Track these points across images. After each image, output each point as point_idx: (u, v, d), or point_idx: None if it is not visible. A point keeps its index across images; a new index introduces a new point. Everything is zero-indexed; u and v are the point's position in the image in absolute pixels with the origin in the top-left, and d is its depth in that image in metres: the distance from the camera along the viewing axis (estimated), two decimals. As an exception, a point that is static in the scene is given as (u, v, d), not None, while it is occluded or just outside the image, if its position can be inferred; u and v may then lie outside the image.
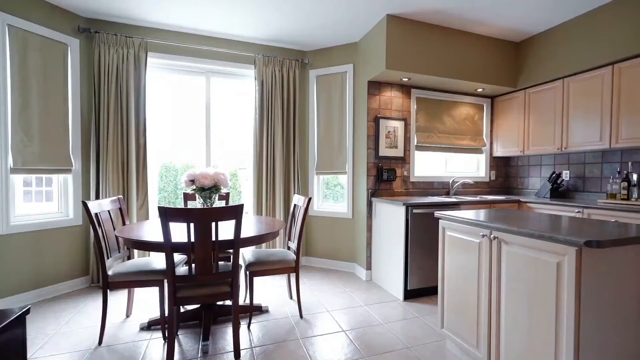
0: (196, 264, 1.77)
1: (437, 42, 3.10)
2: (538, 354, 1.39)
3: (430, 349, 2.00)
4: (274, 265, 2.31)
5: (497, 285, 1.60)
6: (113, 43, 2.96)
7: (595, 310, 1.28)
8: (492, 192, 3.93)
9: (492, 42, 3.36)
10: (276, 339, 2.10)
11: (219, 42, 3.41)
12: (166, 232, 1.68)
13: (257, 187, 3.48)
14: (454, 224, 1.89)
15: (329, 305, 2.66)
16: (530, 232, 1.41)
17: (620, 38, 2.60)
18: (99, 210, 2.09)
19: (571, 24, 2.98)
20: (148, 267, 2.07)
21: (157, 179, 3.48)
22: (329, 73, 3.62)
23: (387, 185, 3.36)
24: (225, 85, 3.59)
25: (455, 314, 1.89)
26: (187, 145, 3.49)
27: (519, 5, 2.73)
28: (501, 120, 3.75)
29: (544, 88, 3.25)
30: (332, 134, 3.62)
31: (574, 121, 2.98)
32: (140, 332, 2.16)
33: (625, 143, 2.61)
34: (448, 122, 3.64)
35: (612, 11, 2.66)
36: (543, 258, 1.37)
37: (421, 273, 2.82)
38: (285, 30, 3.24)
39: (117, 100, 3.00)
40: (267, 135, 3.48)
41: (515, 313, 1.50)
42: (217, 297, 1.86)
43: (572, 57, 2.96)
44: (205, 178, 2.22)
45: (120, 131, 3.01)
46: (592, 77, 2.83)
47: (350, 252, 3.57)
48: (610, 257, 1.30)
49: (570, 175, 3.32)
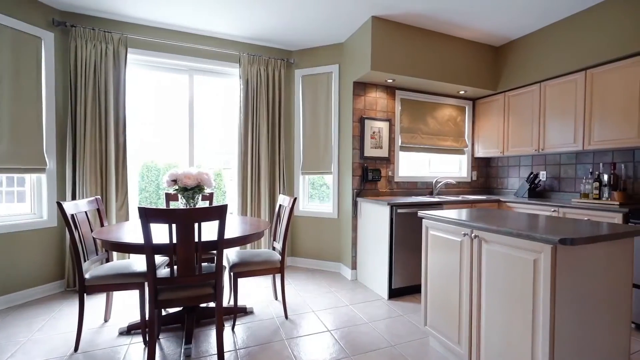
0: (178, 265, 1.73)
1: (421, 44, 3.15)
2: (516, 348, 1.44)
3: (413, 347, 2.04)
4: (258, 266, 2.29)
5: (478, 283, 1.64)
6: (91, 38, 2.85)
7: (570, 305, 1.33)
8: (474, 192, 4.03)
9: (474, 46, 3.45)
10: (261, 341, 2.08)
11: (203, 40, 3.35)
12: (147, 234, 1.63)
13: (241, 187, 3.44)
14: (437, 223, 1.93)
15: (314, 305, 2.65)
16: (509, 230, 1.46)
17: (593, 45, 2.73)
18: (76, 212, 2.01)
19: (547, 31, 3.10)
20: (128, 269, 2.01)
21: (137, 178, 3.38)
22: (315, 73, 3.62)
23: (372, 185, 3.39)
24: (210, 83, 3.53)
25: (438, 311, 1.93)
26: (169, 145, 3.41)
27: (499, 11, 2.82)
28: (482, 122, 3.86)
29: (522, 91, 3.37)
30: (317, 134, 3.62)
31: (551, 124, 3.10)
32: (119, 337, 2.09)
33: (597, 145, 2.73)
34: (431, 123, 3.71)
35: (584, 20, 2.79)
36: (521, 256, 1.42)
37: (405, 272, 2.86)
38: (271, 29, 3.22)
39: (95, 97, 2.89)
40: (252, 134, 3.45)
41: (495, 309, 1.54)
42: (200, 299, 1.82)
43: (547, 62, 3.08)
44: (188, 178, 2.17)
45: (98, 129, 2.91)
46: (567, 81, 2.95)
47: (335, 252, 3.58)
48: (583, 254, 1.36)
49: (547, 176, 3.45)
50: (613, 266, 1.45)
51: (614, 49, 2.59)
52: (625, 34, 2.52)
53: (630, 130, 2.51)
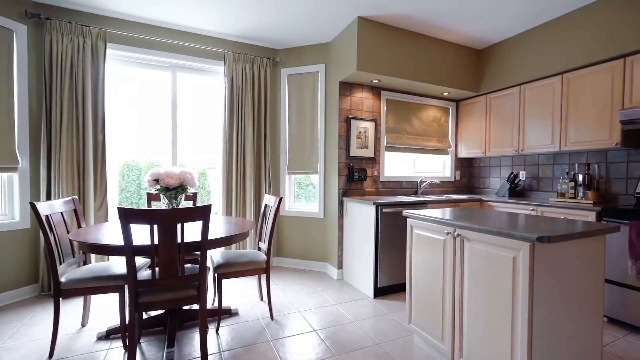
0: (160, 267, 1.68)
1: (406, 46, 3.19)
2: (496, 343, 1.47)
3: (398, 344, 2.06)
4: (243, 266, 2.26)
5: (460, 280, 1.67)
6: (67, 31, 2.74)
7: (547, 300, 1.38)
8: (457, 192, 4.12)
9: (457, 48, 3.53)
10: (246, 342, 2.06)
11: (186, 36, 3.28)
12: (127, 235, 1.58)
13: (226, 187, 3.39)
14: (421, 222, 1.96)
15: (300, 305, 2.64)
16: (490, 229, 1.49)
17: (567, 50, 2.83)
18: (50, 212, 1.92)
19: (526, 36, 3.20)
20: (107, 272, 1.94)
21: (118, 178, 3.27)
22: (301, 72, 3.61)
23: (358, 185, 3.41)
24: (193, 81, 3.46)
25: (422, 309, 1.96)
26: (152, 143, 3.32)
27: (481, 15, 2.89)
28: (465, 123, 3.94)
29: (503, 93, 3.47)
30: (303, 133, 3.61)
31: (530, 125, 3.20)
32: (97, 342, 2.02)
33: (572, 146, 2.84)
34: (416, 123, 3.76)
35: (560, 26, 2.89)
36: (501, 253, 1.46)
37: (391, 271, 2.89)
38: (256, 28, 3.18)
39: (72, 94, 2.78)
40: (237, 134, 3.40)
41: (477, 306, 1.58)
42: (183, 302, 1.78)
43: (527, 65, 3.18)
44: (171, 177, 2.12)
45: (75, 127, 2.80)
46: (545, 84, 3.06)
47: (322, 251, 3.58)
48: (559, 251, 1.41)
49: (527, 176, 3.56)
50: (587, 262, 1.51)
51: (586, 55, 2.70)
52: (595, 41, 2.63)
53: (603, 132, 2.63)
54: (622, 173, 2.78)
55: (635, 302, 2.20)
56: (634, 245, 2.16)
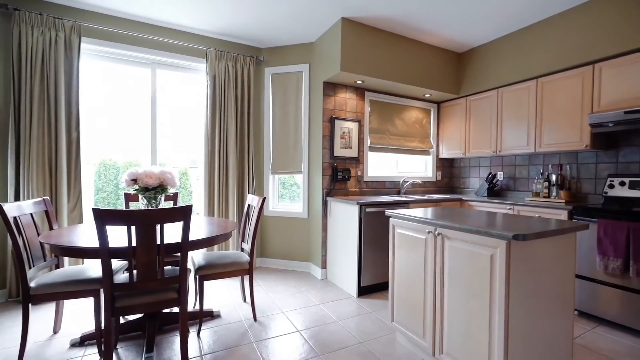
0: (138, 270, 1.63)
1: (389, 47, 3.24)
2: (475, 337, 1.52)
3: (381, 342, 2.08)
4: (226, 268, 2.22)
5: (441, 278, 1.71)
6: (38, 23, 2.61)
7: (522, 295, 1.43)
8: (438, 191, 4.21)
9: (439, 51, 3.61)
10: (228, 345, 2.02)
11: (167, 32, 3.19)
12: (102, 236, 1.52)
13: (208, 187, 3.32)
14: (403, 221, 1.99)
15: (284, 306, 2.63)
16: (469, 228, 1.54)
17: (542, 56, 2.96)
18: (19, 214, 1.83)
19: (503, 40, 3.31)
20: (81, 275, 1.86)
21: (94, 178, 3.15)
22: (285, 72, 3.59)
23: (342, 184, 3.43)
24: (174, 78, 3.37)
25: (404, 307, 1.99)
26: (130, 142, 3.21)
27: (460, 19, 2.96)
28: (446, 124, 4.04)
29: (482, 96, 3.58)
30: (287, 133, 3.59)
31: (507, 127, 3.31)
32: (71, 349, 1.93)
33: (546, 148, 2.97)
34: (399, 124, 3.82)
35: (534, 32, 3.01)
36: (479, 251, 1.50)
37: (374, 270, 2.92)
38: (239, 25, 3.14)
39: (43, 89, 2.65)
40: (219, 133, 3.34)
41: (456, 303, 1.62)
42: (163, 305, 1.73)
43: (504, 69, 3.30)
44: (150, 177, 2.05)
45: (47, 124, 2.66)
46: (521, 88, 3.18)
47: (305, 251, 3.57)
48: (533, 248, 1.47)
49: (504, 176, 3.69)
50: (559, 259, 1.58)
51: (558, 61, 2.83)
52: (567, 47, 2.76)
53: (574, 134, 2.76)
54: (591, 174, 2.92)
55: (603, 296, 2.32)
56: (602, 242, 2.28)
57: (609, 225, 2.26)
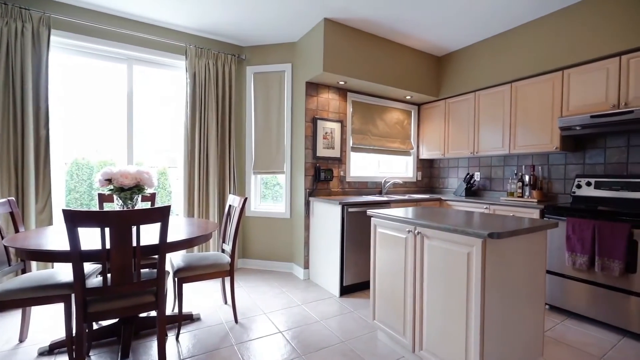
0: (112, 273, 1.57)
1: (371, 49, 3.27)
2: (453, 333, 1.56)
3: (363, 341, 2.10)
4: (206, 269, 2.18)
5: (420, 276, 1.75)
6: (2, 14, 2.46)
7: (497, 292, 1.49)
8: (419, 191, 4.30)
9: (419, 54, 3.69)
10: (208, 348, 1.98)
11: (144, 27, 3.09)
12: (73, 239, 1.45)
13: (188, 187, 3.24)
14: (384, 221, 2.02)
15: (266, 307, 2.60)
16: (447, 227, 1.58)
17: (515, 61, 3.08)
18: (-19, 216, 1.71)
19: (480, 45, 3.42)
20: (49, 280, 1.77)
21: (65, 177, 3.00)
22: (267, 71, 3.56)
23: (325, 185, 3.43)
24: (152, 75, 3.27)
25: (385, 305, 2.02)
26: (105, 140, 3.08)
27: (439, 23, 3.04)
28: (426, 126, 4.13)
29: (460, 99, 3.68)
30: (270, 133, 3.56)
31: (484, 129, 3.43)
32: (39, 358, 1.83)
33: (520, 149, 3.09)
34: (381, 125, 3.87)
35: (509, 38, 3.13)
36: (457, 249, 1.54)
37: (356, 269, 2.95)
38: (221, 23, 3.08)
39: (8, 83, 2.50)
40: (200, 131, 3.27)
41: (435, 299, 1.66)
42: (139, 309, 1.68)
43: (481, 73, 3.41)
44: (126, 177, 1.98)
45: (12, 120, 2.51)
46: (497, 92, 3.30)
47: (288, 252, 3.55)
48: (507, 245, 1.53)
49: (481, 176, 3.82)
50: (531, 255, 1.66)
51: (530, 66, 2.96)
52: (539, 53, 2.89)
53: (545, 137, 2.89)
54: (561, 174, 3.08)
55: (572, 290, 2.45)
56: (570, 239, 2.41)
57: (576, 224, 2.38)
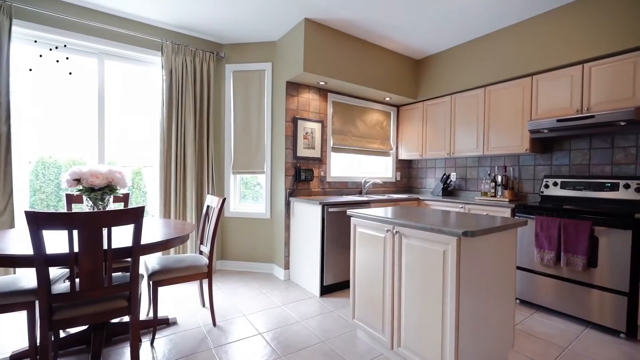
0: (81, 278, 1.49)
1: (352, 50, 3.30)
2: (430, 329, 1.60)
3: (343, 340, 2.12)
4: (182, 272, 2.12)
5: (399, 274, 1.78)
6: (-42, 1, 2.28)
7: (471, 288, 1.54)
8: (398, 191, 4.39)
9: (398, 57, 3.76)
10: (185, 353, 1.93)
11: (117, 21, 2.96)
12: (37, 243, 1.37)
13: (164, 188, 3.14)
14: (364, 221, 2.04)
15: (245, 309, 2.57)
16: (424, 226, 1.62)
17: (490, 66, 3.21)
18: None
19: (456, 50, 3.54)
20: (11, 287, 1.66)
21: (29, 177, 2.82)
22: (247, 70, 3.51)
23: (305, 185, 3.43)
24: (125, 71, 3.14)
25: (364, 304, 2.04)
26: (74, 138, 2.93)
27: (416, 27, 3.11)
28: (405, 127, 4.22)
29: (437, 101, 3.79)
30: (249, 132, 3.52)
31: (459, 131, 3.55)
32: (-2, 370, 1.72)
33: (493, 151, 3.22)
34: (361, 126, 3.92)
35: (483, 44, 3.26)
36: (433, 247, 1.59)
37: (336, 268, 2.97)
38: (198, 18, 3.01)
39: (-35, 76, 2.32)
40: (177, 130, 3.17)
41: (412, 297, 1.70)
42: (111, 315, 1.60)
43: (457, 77, 3.52)
44: (96, 177, 1.89)
45: (-31, 116, 2.34)
46: (471, 95, 3.42)
47: (268, 252, 3.52)
48: (480, 243, 1.59)
49: (457, 177, 3.94)
50: (502, 252, 1.73)
51: (502, 72, 3.09)
52: (510, 59, 3.03)
53: (516, 139, 3.03)
54: (530, 175, 3.23)
55: (540, 285, 2.58)
56: (539, 236, 2.53)
57: (544, 222, 2.51)
